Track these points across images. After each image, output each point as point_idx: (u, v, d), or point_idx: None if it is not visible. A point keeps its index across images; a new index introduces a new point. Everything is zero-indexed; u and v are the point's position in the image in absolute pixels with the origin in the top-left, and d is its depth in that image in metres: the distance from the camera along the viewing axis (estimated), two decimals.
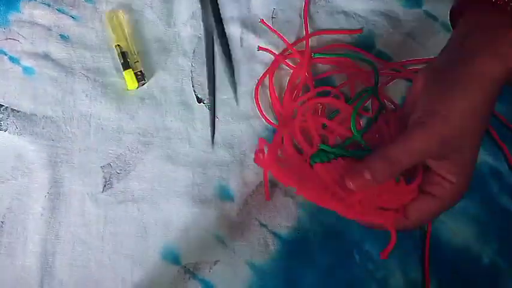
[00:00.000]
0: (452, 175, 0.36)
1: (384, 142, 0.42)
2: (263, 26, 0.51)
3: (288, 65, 0.50)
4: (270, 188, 0.46)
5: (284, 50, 0.50)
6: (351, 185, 0.36)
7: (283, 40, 0.50)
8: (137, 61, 0.48)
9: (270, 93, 0.49)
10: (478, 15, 0.38)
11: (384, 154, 0.35)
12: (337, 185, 0.37)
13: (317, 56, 0.49)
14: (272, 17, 0.52)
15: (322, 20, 0.52)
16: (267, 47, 0.50)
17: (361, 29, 0.51)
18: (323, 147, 0.42)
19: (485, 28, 0.36)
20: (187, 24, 0.51)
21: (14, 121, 0.46)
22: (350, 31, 0.51)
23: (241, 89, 0.49)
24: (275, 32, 0.51)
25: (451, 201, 0.37)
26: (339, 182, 0.37)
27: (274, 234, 0.45)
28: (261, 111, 0.48)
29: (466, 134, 0.35)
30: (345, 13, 0.52)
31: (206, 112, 0.48)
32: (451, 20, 0.43)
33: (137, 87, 0.47)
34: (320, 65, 0.51)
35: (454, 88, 0.35)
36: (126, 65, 0.47)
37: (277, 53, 0.50)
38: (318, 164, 0.40)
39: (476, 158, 0.36)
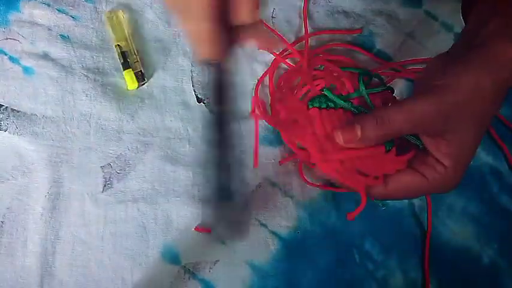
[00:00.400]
0: (446, 158, 0.35)
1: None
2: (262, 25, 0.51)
3: (288, 65, 0.50)
4: (270, 187, 0.46)
5: (284, 50, 0.50)
6: (339, 136, 0.35)
7: (283, 40, 0.50)
8: (137, 61, 0.48)
9: (270, 92, 0.49)
10: (490, 4, 0.37)
11: (379, 113, 0.34)
12: (326, 135, 0.36)
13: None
14: (272, 17, 0.52)
15: (322, 20, 0.52)
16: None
17: (360, 29, 0.51)
18: (326, 92, 0.39)
19: (498, 14, 0.35)
20: None
21: (14, 121, 0.46)
22: (349, 31, 0.51)
23: (241, 88, 0.49)
24: (275, 32, 0.51)
25: (440, 186, 0.36)
26: (330, 133, 0.36)
27: (274, 234, 0.45)
28: (260, 110, 0.48)
29: (466, 113, 0.33)
30: (345, 13, 0.52)
31: (206, 112, 0.48)
32: (463, 14, 0.42)
33: (137, 87, 0.47)
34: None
35: (464, 66, 0.33)
36: (126, 65, 0.47)
37: (277, 52, 0.50)
38: (315, 109, 0.38)
39: (473, 152, 0.35)
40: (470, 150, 0.35)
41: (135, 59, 0.48)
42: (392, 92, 0.42)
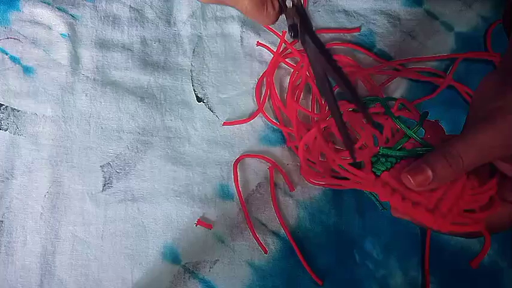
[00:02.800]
0: None
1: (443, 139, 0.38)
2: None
3: (288, 64, 0.50)
4: (269, 187, 0.46)
5: (284, 49, 0.50)
6: (410, 181, 0.32)
7: (283, 40, 0.50)
8: None
9: (270, 92, 0.49)
10: None
11: (446, 149, 0.32)
12: (413, 192, 0.33)
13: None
14: None
15: (323, 19, 0.52)
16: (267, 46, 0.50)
17: (358, 28, 0.51)
18: (384, 151, 0.36)
19: None
20: (187, 23, 0.51)
21: (14, 120, 0.46)
22: (348, 30, 0.51)
23: (241, 87, 0.49)
24: (274, 32, 0.51)
25: None
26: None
27: (274, 233, 0.45)
28: (261, 110, 0.48)
29: None
30: (346, 12, 0.52)
31: (206, 111, 0.48)
32: (505, 23, 0.40)
33: None
34: None
35: None
36: None
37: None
38: (386, 173, 0.35)
39: None
40: None
41: None
42: (426, 115, 0.39)
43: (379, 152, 0.36)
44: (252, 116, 0.48)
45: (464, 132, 0.32)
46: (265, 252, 0.44)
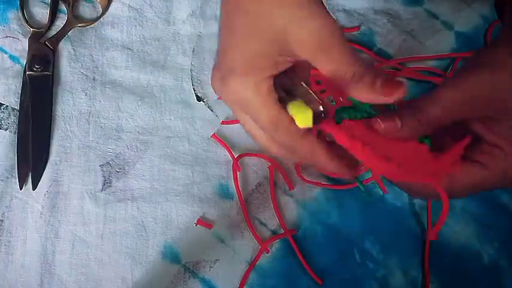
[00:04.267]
0: (502, 140, 0.31)
1: None
2: None
3: None
4: (269, 186, 0.46)
5: None
6: (380, 124, 0.31)
7: None
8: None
9: None
10: None
11: (415, 103, 0.31)
12: (370, 145, 0.32)
13: None
14: None
15: None
16: None
17: (358, 27, 0.51)
18: (354, 101, 0.34)
19: None
20: (187, 22, 0.51)
21: (15, 120, 0.46)
22: (347, 29, 0.51)
23: None
24: None
25: (503, 172, 0.32)
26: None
27: (274, 233, 0.45)
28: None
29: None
30: (346, 11, 0.52)
31: (206, 110, 0.48)
32: (497, 8, 0.40)
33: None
34: None
35: (500, 43, 0.30)
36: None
37: None
38: (348, 121, 0.34)
39: None
40: None
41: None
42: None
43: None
44: None
45: (440, 88, 0.31)
46: (267, 252, 0.44)
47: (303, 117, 0.31)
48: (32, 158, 0.45)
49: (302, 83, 0.32)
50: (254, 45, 0.31)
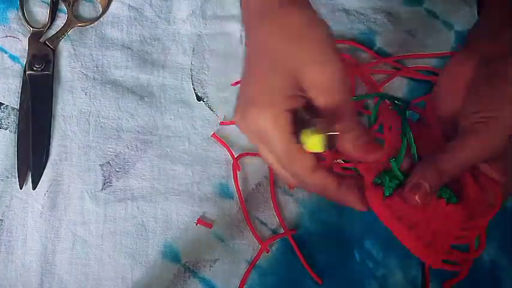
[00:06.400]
0: (501, 175, 0.34)
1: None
2: None
3: None
4: (269, 186, 0.46)
5: None
6: (415, 198, 0.32)
7: None
8: None
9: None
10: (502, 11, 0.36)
11: (436, 165, 0.33)
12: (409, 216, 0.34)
13: None
14: None
15: (323, 18, 0.52)
16: None
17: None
18: (393, 165, 0.34)
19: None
20: (187, 21, 0.51)
21: (15, 119, 0.46)
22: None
23: None
24: None
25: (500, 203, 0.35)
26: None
27: (274, 232, 0.45)
28: None
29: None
30: (346, 11, 0.52)
31: (206, 110, 0.48)
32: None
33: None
34: None
35: (507, 84, 0.33)
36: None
37: None
38: (389, 198, 0.34)
39: None
40: None
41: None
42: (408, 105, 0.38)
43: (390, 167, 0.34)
44: None
45: (454, 146, 0.33)
46: (267, 252, 0.44)
47: (312, 142, 0.32)
48: (32, 157, 0.45)
49: (312, 124, 0.33)
50: (272, 79, 0.32)
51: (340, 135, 0.32)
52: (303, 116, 0.33)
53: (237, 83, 0.48)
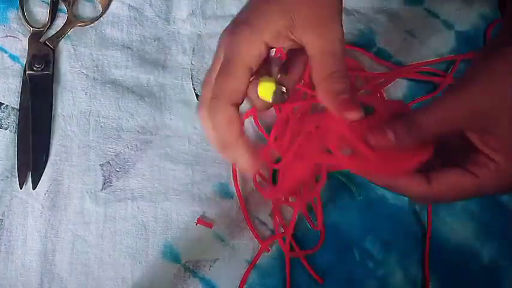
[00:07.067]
0: (497, 153, 0.31)
1: None
2: None
3: None
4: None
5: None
6: (372, 140, 0.32)
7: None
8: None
9: None
10: None
11: (410, 118, 0.32)
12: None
13: None
14: None
15: None
16: None
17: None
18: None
19: None
20: (187, 21, 0.51)
21: (15, 119, 0.46)
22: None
23: None
24: None
25: (493, 185, 0.32)
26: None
27: (274, 232, 0.45)
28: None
29: (507, 106, 0.30)
30: (346, 10, 0.52)
31: None
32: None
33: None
34: None
35: (497, 56, 0.31)
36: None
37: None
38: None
39: None
40: None
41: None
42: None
43: None
44: (245, 114, 0.48)
45: (432, 103, 0.32)
46: (267, 251, 0.44)
47: (264, 88, 0.33)
48: (32, 157, 0.45)
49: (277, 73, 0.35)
50: (272, 12, 0.33)
51: (321, 83, 0.32)
52: (272, 66, 0.34)
53: None
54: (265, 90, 0.33)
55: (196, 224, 0.44)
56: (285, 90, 0.34)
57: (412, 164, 0.33)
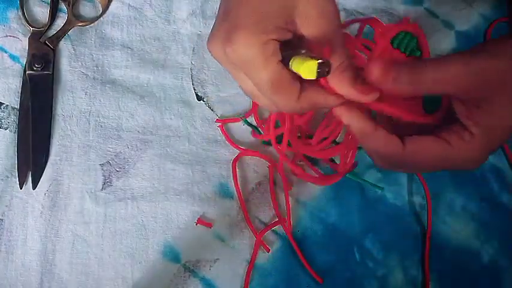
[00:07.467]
0: (476, 127, 0.32)
1: None
2: None
3: None
4: (269, 186, 0.46)
5: None
6: (373, 69, 0.32)
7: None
8: None
9: None
10: None
11: (415, 65, 0.32)
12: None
13: None
14: None
15: None
16: None
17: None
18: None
19: None
20: (187, 21, 0.51)
21: (15, 119, 0.46)
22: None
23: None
24: None
25: (463, 158, 0.33)
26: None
27: (275, 232, 0.45)
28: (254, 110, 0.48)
29: (510, 85, 0.31)
30: (346, 10, 0.52)
31: (206, 110, 0.48)
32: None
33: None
34: None
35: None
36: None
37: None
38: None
39: (507, 133, 0.32)
40: (504, 129, 0.32)
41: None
42: None
43: None
44: (246, 114, 0.48)
45: (439, 58, 0.32)
46: (268, 251, 0.44)
47: (306, 68, 0.31)
48: (32, 157, 0.45)
49: (303, 50, 0.33)
50: (267, 7, 0.32)
51: (334, 73, 0.32)
52: (290, 47, 0.33)
53: None
54: (308, 69, 0.31)
55: (196, 224, 0.44)
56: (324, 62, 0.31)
57: (425, 121, 0.34)
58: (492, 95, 0.31)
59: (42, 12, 0.50)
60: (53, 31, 0.49)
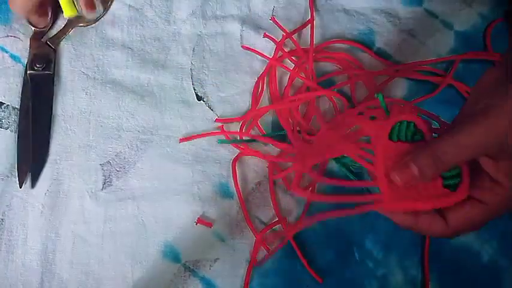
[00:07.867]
0: (505, 177, 0.32)
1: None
2: (263, 23, 0.51)
3: (285, 68, 0.49)
4: (269, 185, 0.46)
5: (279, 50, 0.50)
6: (396, 178, 0.33)
7: (293, 41, 0.50)
8: None
9: (270, 90, 0.49)
10: None
11: (433, 148, 0.32)
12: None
13: None
14: (272, 15, 0.52)
15: (323, 18, 0.52)
16: (267, 45, 0.50)
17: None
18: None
19: None
20: (187, 21, 0.51)
21: (15, 119, 0.46)
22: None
23: (241, 86, 0.49)
24: (271, 38, 0.50)
25: (500, 209, 0.33)
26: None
27: (275, 232, 0.45)
28: (253, 111, 0.48)
29: None
30: (345, 11, 0.52)
31: (206, 110, 0.48)
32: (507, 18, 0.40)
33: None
34: (321, 63, 0.50)
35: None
36: None
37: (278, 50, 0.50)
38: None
39: None
40: None
41: None
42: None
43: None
44: (244, 116, 0.48)
45: (453, 129, 0.32)
46: (265, 249, 0.44)
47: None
48: (32, 157, 0.45)
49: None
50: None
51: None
52: None
53: None
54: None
55: (196, 224, 0.44)
56: None
57: (449, 203, 0.33)
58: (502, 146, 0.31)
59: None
60: (54, 31, 0.49)
